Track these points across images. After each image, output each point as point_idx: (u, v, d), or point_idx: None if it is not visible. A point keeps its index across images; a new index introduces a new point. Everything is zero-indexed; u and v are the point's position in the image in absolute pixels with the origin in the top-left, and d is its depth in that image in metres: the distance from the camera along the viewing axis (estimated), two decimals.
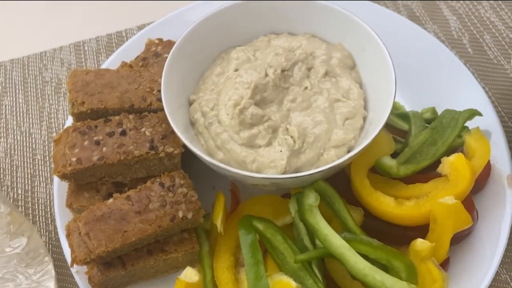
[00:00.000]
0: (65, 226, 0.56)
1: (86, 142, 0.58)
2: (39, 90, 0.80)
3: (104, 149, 0.57)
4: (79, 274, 0.58)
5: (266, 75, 0.60)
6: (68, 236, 0.55)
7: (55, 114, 0.77)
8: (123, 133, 0.58)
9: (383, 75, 0.59)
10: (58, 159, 0.58)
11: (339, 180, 0.59)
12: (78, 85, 0.61)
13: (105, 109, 0.60)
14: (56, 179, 0.64)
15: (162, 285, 0.59)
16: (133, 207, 0.55)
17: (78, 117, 0.61)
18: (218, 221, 0.57)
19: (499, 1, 0.83)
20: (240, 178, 0.56)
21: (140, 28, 0.85)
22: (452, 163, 0.57)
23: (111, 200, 0.56)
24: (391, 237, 0.58)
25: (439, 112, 0.66)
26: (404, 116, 0.66)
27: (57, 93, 0.79)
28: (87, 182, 0.60)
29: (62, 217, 0.62)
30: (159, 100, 0.61)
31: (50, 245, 0.66)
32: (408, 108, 0.69)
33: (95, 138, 0.58)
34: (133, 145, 0.58)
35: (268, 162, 0.56)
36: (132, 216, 0.54)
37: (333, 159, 0.56)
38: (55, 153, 0.59)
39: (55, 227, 0.66)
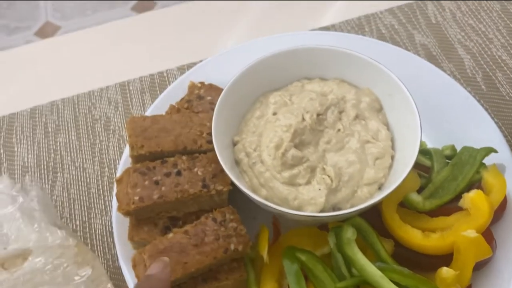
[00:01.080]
0: (131, 258, 0.63)
1: (146, 182, 0.65)
2: (89, 127, 0.88)
3: (163, 188, 0.65)
4: None
5: (303, 119, 0.67)
6: (134, 267, 0.62)
7: (106, 150, 0.85)
8: (179, 173, 0.66)
9: (409, 118, 0.66)
10: (122, 197, 0.65)
11: (372, 214, 0.66)
12: (137, 131, 0.68)
13: (162, 151, 0.67)
14: (114, 213, 0.71)
15: None
16: (190, 241, 0.62)
17: (137, 159, 0.68)
18: (265, 252, 0.64)
19: (510, 40, 0.91)
20: (283, 214, 0.62)
21: (179, 69, 0.92)
22: (472, 199, 0.64)
23: (171, 234, 0.63)
24: (419, 265, 0.64)
25: (457, 147, 0.73)
26: (426, 153, 0.73)
27: (107, 130, 0.87)
28: (146, 217, 0.67)
29: (122, 248, 0.69)
30: (208, 142, 0.68)
31: (109, 272, 0.73)
32: (429, 144, 0.76)
33: (154, 178, 0.65)
34: (188, 184, 0.65)
35: (308, 199, 0.63)
36: (191, 249, 0.62)
37: (366, 196, 0.63)
38: (118, 192, 0.66)
39: (112, 256, 0.74)
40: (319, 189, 0.63)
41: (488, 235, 0.64)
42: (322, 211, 0.62)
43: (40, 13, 2.36)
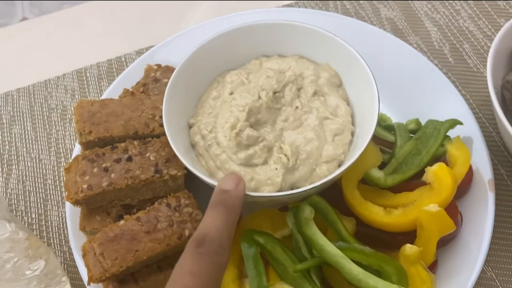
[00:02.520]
0: (81, 247, 0.60)
1: (95, 169, 0.62)
2: (45, 117, 0.84)
3: (113, 175, 0.62)
4: None
5: (259, 97, 0.64)
6: (84, 256, 0.59)
7: (62, 140, 0.82)
8: (129, 159, 0.63)
9: (367, 93, 0.63)
10: (70, 186, 0.62)
11: (332, 192, 0.64)
12: (84, 116, 0.65)
13: (111, 137, 0.64)
14: (67, 204, 0.68)
15: None
16: (143, 228, 0.59)
17: (86, 145, 0.65)
18: None
19: (477, 11, 0.88)
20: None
21: (138, 52, 0.89)
22: (435, 172, 0.61)
23: (122, 221, 0.60)
24: (382, 243, 0.62)
25: (423, 122, 0.70)
26: (390, 128, 0.71)
27: (63, 119, 0.84)
28: (97, 206, 0.64)
29: (76, 239, 0.66)
30: (161, 125, 0.65)
31: (65, 265, 0.70)
32: (395, 119, 0.74)
33: (104, 165, 0.62)
34: (139, 169, 0.62)
35: (265, 180, 0.60)
36: (142, 236, 0.59)
37: (325, 174, 0.61)
38: (66, 181, 0.63)
39: (69, 248, 0.71)
40: (276, 169, 0.60)
41: (453, 208, 0.61)
42: (279, 191, 0.60)
43: (16, 9, 2.30)
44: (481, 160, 0.68)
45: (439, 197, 0.60)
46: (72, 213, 0.68)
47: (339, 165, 0.62)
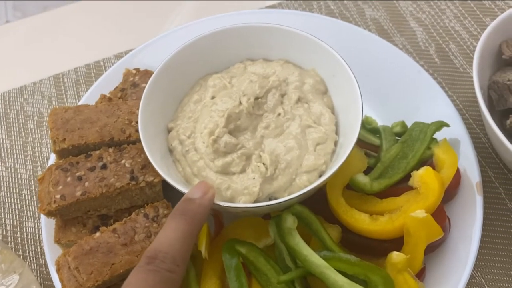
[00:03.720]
0: (55, 261, 0.57)
1: (69, 179, 0.60)
2: (21, 124, 0.81)
3: (87, 184, 0.59)
4: None
5: (240, 103, 0.62)
6: (58, 271, 0.57)
7: (39, 148, 0.79)
8: (104, 166, 0.60)
9: (352, 101, 0.61)
10: (43, 197, 0.60)
11: (317, 200, 0.62)
12: (58, 123, 0.62)
13: (86, 144, 0.62)
14: (43, 215, 0.66)
15: None
16: (119, 240, 0.57)
17: (61, 154, 0.63)
18: (203, 247, 0.59)
19: (463, 10, 0.87)
20: (216, 207, 0.57)
21: (117, 56, 0.86)
22: (421, 177, 0.59)
23: (98, 233, 0.57)
24: (369, 250, 0.60)
25: (409, 125, 0.68)
26: (376, 131, 0.69)
27: (40, 127, 0.81)
28: (73, 217, 0.61)
29: (51, 252, 0.63)
30: (138, 131, 0.62)
31: (41, 279, 0.67)
32: (380, 122, 0.72)
33: (77, 174, 0.60)
34: (114, 177, 0.60)
35: (241, 189, 0.58)
36: (119, 249, 0.56)
37: (305, 184, 0.58)
38: (40, 191, 0.61)
39: (45, 261, 0.68)
40: (254, 178, 0.58)
41: (440, 214, 0.60)
42: (257, 201, 0.57)
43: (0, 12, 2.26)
44: (468, 163, 0.66)
45: (426, 202, 0.58)
46: (47, 225, 0.65)
47: (320, 176, 0.59)
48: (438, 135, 0.66)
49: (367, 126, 0.70)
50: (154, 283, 0.44)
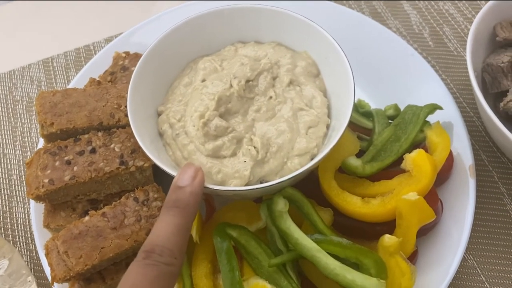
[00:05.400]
0: (44, 245, 0.57)
1: (57, 163, 0.59)
2: (10, 109, 0.80)
3: (75, 168, 0.58)
4: None
5: (231, 86, 0.61)
6: (47, 255, 0.56)
7: (28, 133, 0.78)
8: (93, 151, 0.59)
9: (344, 84, 0.60)
10: (31, 181, 0.59)
11: (309, 183, 0.61)
12: (46, 107, 0.61)
13: (74, 128, 0.61)
14: (32, 201, 0.65)
15: None
16: (109, 224, 0.56)
17: (49, 138, 0.62)
18: (194, 231, 0.59)
19: None
20: (206, 191, 0.57)
21: (107, 40, 0.85)
22: (414, 160, 0.59)
23: (87, 217, 0.57)
24: (361, 233, 0.60)
25: (402, 108, 0.68)
26: (368, 114, 0.68)
27: (29, 111, 0.80)
28: (62, 202, 0.61)
29: (41, 237, 0.63)
30: (127, 115, 0.61)
31: (32, 264, 0.67)
32: (373, 105, 0.71)
33: (66, 158, 0.59)
34: (103, 162, 0.59)
35: (232, 173, 0.57)
36: (109, 233, 0.56)
37: (296, 168, 0.57)
38: (27, 176, 0.60)
39: (35, 246, 0.67)
40: (244, 161, 0.57)
41: (433, 196, 0.59)
42: (248, 184, 0.57)
43: None
44: (461, 146, 0.66)
45: (419, 185, 0.57)
46: (37, 210, 0.65)
47: (312, 159, 0.59)
48: (431, 118, 0.65)
49: (360, 109, 0.70)
50: (152, 277, 0.44)
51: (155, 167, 0.61)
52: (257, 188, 0.54)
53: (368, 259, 0.55)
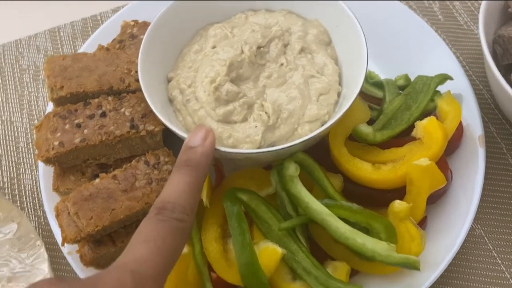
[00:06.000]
0: (54, 207, 0.57)
1: (67, 126, 0.58)
2: (17, 78, 0.80)
3: (86, 131, 0.58)
4: (72, 255, 0.60)
5: (242, 52, 0.61)
6: (57, 216, 0.56)
7: (35, 101, 0.77)
8: (103, 114, 0.59)
9: (357, 51, 0.60)
10: (41, 144, 0.59)
11: (319, 150, 0.61)
12: (56, 71, 0.61)
13: (84, 92, 0.61)
14: (41, 164, 0.65)
15: None
16: (119, 186, 0.56)
17: (58, 102, 0.61)
18: (204, 195, 0.59)
19: None
20: (217, 153, 0.57)
21: (114, 11, 0.84)
22: (425, 127, 0.59)
23: (97, 180, 0.57)
24: (371, 200, 0.60)
25: (412, 79, 0.68)
26: (379, 85, 0.68)
27: (36, 80, 0.79)
28: (72, 165, 0.61)
29: (49, 200, 0.63)
30: (137, 80, 0.61)
31: (40, 229, 0.67)
32: (382, 76, 0.71)
33: (76, 121, 0.59)
34: (114, 125, 0.58)
35: (243, 138, 0.57)
36: (119, 195, 0.56)
37: (307, 134, 0.57)
38: (37, 139, 0.60)
39: (43, 212, 0.67)
40: (255, 127, 0.57)
41: (442, 164, 0.59)
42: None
43: None
44: (471, 116, 0.65)
45: (430, 151, 0.57)
46: (45, 173, 0.64)
47: (323, 126, 0.59)
48: (441, 89, 0.65)
49: (370, 80, 0.69)
50: (164, 233, 0.43)
51: (165, 133, 0.61)
52: (268, 151, 0.54)
53: (378, 224, 0.55)
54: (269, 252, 0.55)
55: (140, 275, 0.40)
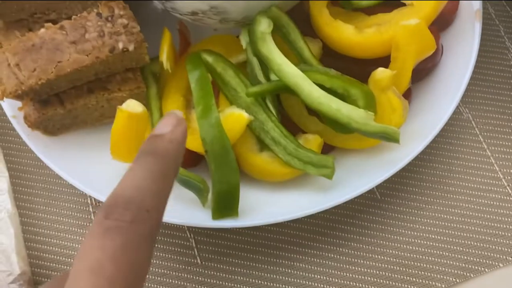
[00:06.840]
0: None
1: None
2: None
3: None
4: (16, 119, 0.54)
5: None
6: None
7: None
8: None
9: None
10: None
11: (298, 15, 0.54)
12: None
13: None
14: None
15: (108, 132, 0.55)
16: (67, 37, 0.49)
17: None
18: (164, 56, 0.52)
19: None
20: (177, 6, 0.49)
21: None
22: None
23: (43, 30, 0.50)
24: (352, 75, 0.54)
25: None
26: None
27: None
28: (17, 20, 0.53)
29: None
30: None
31: None
32: None
33: None
34: None
35: None
36: (67, 46, 0.49)
37: None
38: None
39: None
40: None
41: (433, 33, 0.53)
42: None
43: None
44: None
45: (420, 13, 0.51)
46: None
47: None
48: None
49: None
50: (115, 251, 0.28)
51: None
52: None
53: (357, 89, 0.49)
54: (234, 118, 0.50)
55: None
